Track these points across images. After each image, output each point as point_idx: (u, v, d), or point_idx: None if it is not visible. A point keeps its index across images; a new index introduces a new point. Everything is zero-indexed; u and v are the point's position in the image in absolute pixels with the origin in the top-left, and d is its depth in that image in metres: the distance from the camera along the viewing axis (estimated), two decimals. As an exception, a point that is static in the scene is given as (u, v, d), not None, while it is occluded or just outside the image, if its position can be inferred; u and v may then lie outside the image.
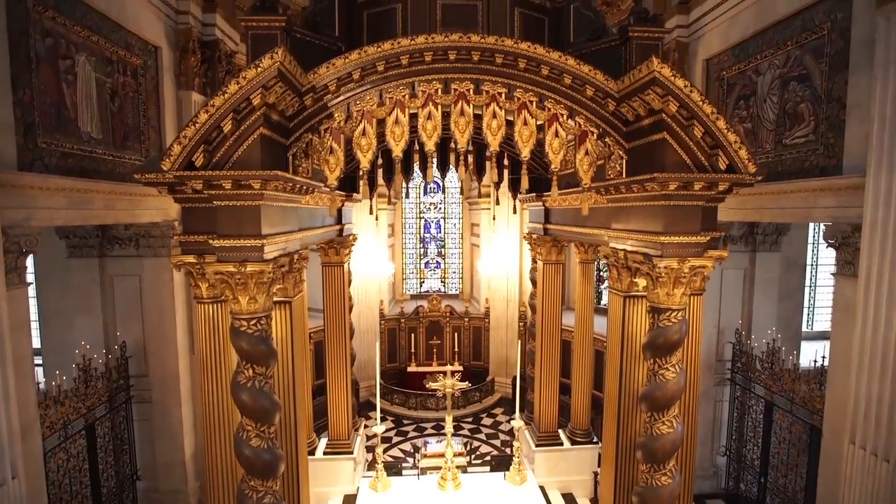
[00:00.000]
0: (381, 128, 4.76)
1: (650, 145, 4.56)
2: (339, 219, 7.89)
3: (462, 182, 15.98)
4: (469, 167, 7.23)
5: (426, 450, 8.98)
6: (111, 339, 7.60)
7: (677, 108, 4.17)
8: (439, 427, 12.02)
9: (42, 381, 6.01)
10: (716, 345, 8.58)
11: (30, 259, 5.16)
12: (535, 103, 4.72)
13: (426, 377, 12.98)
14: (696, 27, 8.08)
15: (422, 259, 17.22)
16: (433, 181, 14.62)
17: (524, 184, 5.20)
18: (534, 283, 9.04)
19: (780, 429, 7.52)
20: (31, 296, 6.86)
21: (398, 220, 16.68)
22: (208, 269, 4.24)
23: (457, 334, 14.54)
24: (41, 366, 7.72)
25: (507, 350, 14.49)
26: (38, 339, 8.17)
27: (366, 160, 4.61)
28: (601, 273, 12.83)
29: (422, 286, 17.17)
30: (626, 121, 4.81)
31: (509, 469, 7.65)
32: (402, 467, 9.13)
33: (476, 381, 13.89)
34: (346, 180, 7.04)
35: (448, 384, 7.37)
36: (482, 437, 12.12)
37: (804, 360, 7.58)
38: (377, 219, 11.07)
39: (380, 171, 7.60)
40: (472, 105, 4.67)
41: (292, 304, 5.18)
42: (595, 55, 5.30)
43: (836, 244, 5.68)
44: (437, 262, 17.26)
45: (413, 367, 14.33)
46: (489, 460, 9.73)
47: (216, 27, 7.95)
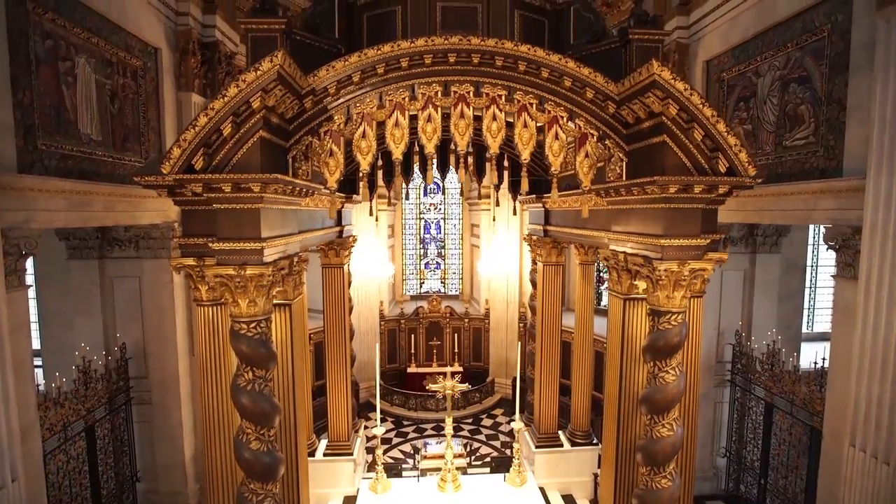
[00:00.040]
0: (380, 129, 4.76)
1: (650, 148, 4.56)
2: (338, 220, 7.89)
3: (462, 183, 15.98)
4: (469, 169, 7.24)
5: (426, 451, 8.98)
6: (111, 341, 7.60)
7: (677, 110, 4.17)
8: (439, 428, 12.02)
9: (42, 383, 6.02)
10: (716, 346, 8.58)
11: (29, 260, 5.16)
12: (535, 106, 4.72)
13: (426, 378, 13.04)
14: (697, 28, 8.08)
15: (422, 260, 17.22)
16: (433, 182, 14.61)
17: (524, 186, 5.21)
18: (534, 284, 9.04)
19: (780, 430, 7.52)
20: (31, 297, 6.86)
21: (398, 221, 16.67)
22: (208, 271, 4.24)
23: (457, 335, 14.54)
24: (41, 367, 7.72)
25: (506, 351, 14.48)
26: (37, 340, 8.18)
27: (365, 163, 4.61)
28: (601, 274, 12.83)
29: (422, 287, 17.16)
30: (626, 123, 4.81)
31: (509, 470, 7.65)
32: (402, 468, 9.14)
33: (476, 382, 13.88)
34: (345, 182, 7.03)
35: (448, 386, 7.37)
36: (482, 438, 12.11)
37: (804, 361, 7.58)
38: (377, 220, 11.06)
39: (380, 172, 7.59)
40: (471, 107, 4.67)
41: (292, 306, 5.18)
42: (595, 57, 5.30)
43: (837, 246, 5.67)
44: (437, 263, 17.25)
45: (413, 368, 14.33)
46: (489, 461, 9.74)
47: (216, 28, 7.95)
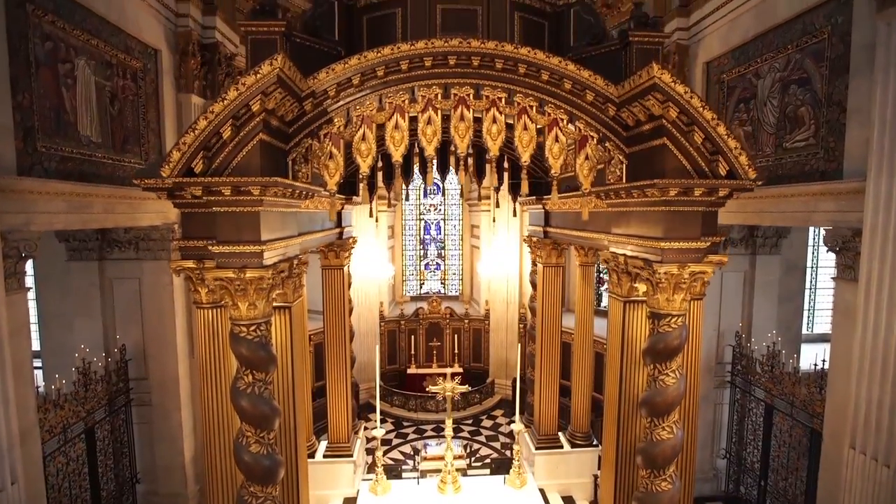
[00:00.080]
0: (380, 131, 4.75)
1: (650, 150, 4.55)
2: (338, 222, 7.88)
3: (462, 185, 15.97)
4: (469, 170, 7.23)
5: (426, 452, 8.98)
6: (111, 342, 7.60)
7: (677, 113, 4.17)
8: (439, 429, 12.02)
9: (42, 385, 6.02)
10: (716, 348, 8.57)
11: (29, 262, 5.16)
12: (535, 108, 4.71)
13: (426, 379, 13.08)
14: (697, 30, 8.07)
15: (422, 261, 17.22)
16: (433, 184, 14.61)
17: (524, 189, 5.20)
18: (534, 285, 9.03)
19: (780, 432, 7.51)
20: (31, 298, 6.86)
21: (398, 222, 16.67)
22: (207, 274, 4.24)
23: (457, 336, 14.54)
24: (40, 368, 7.73)
25: (506, 352, 14.48)
26: (37, 342, 8.18)
27: (365, 165, 4.60)
28: (601, 275, 12.82)
29: (422, 288, 17.16)
30: (627, 126, 4.80)
31: (509, 472, 7.65)
32: (402, 470, 9.14)
33: (476, 383, 13.88)
34: (345, 184, 7.02)
35: (448, 387, 7.37)
36: (482, 439, 12.11)
37: (804, 362, 7.57)
38: (377, 221, 11.06)
39: (380, 174, 7.59)
40: (471, 110, 4.66)
41: (292, 309, 5.17)
42: (595, 59, 5.29)
43: (837, 248, 5.67)
44: (437, 264, 17.25)
45: (413, 369, 14.33)
46: (489, 463, 9.75)
47: (216, 30, 7.95)
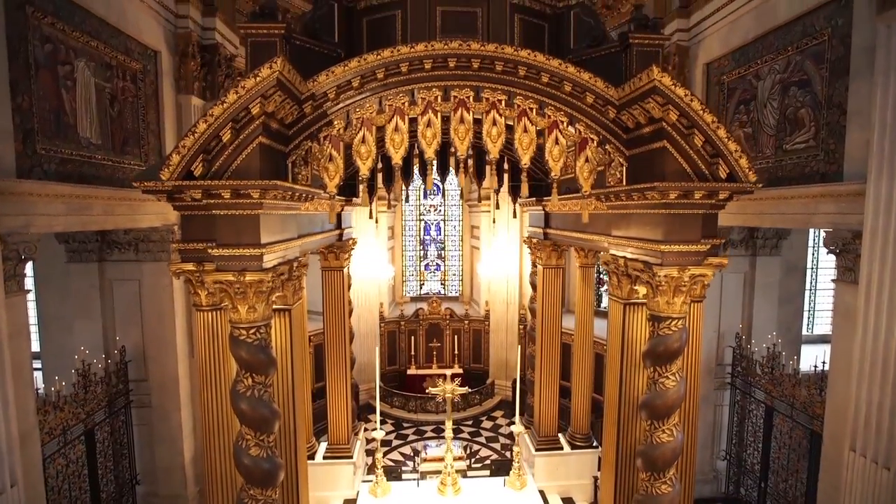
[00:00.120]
0: (380, 133, 4.74)
1: (651, 153, 4.55)
2: (338, 223, 7.88)
3: (462, 187, 15.98)
4: (469, 171, 7.22)
5: (426, 454, 8.99)
6: (111, 344, 7.59)
7: (678, 116, 4.16)
8: (439, 430, 12.01)
9: (41, 387, 6.02)
10: (716, 349, 8.57)
11: (29, 264, 5.15)
12: (535, 110, 4.70)
13: (426, 380, 13.07)
14: (697, 31, 8.07)
15: (422, 261, 17.21)
16: (433, 184, 14.61)
17: (524, 191, 5.20)
18: (534, 287, 9.03)
19: (780, 433, 7.51)
20: (31, 299, 6.86)
21: (398, 223, 16.67)
22: (207, 277, 4.23)
23: (457, 337, 14.54)
24: (40, 370, 7.72)
25: (506, 353, 14.47)
26: (37, 343, 8.18)
27: (365, 168, 4.59)
28: (601, 276, 12.82)
29: (422, 288, 17.16)
30: (627, 128, 4.80)
31: (509, 473, 7.65)
32: (402, 471, 9.14)
33: (476, 384, 13.88)
34: (345, 185, 7.02)
35: (448, 389, 7.36)
36: (482, 440, 12.10)
37: (804, 364, 7.57)
38: (377, 222, 11.04)
39: (379, 175, 7.58)
40: (471, 112, 4.65)
41: (292, 311, 5.17)
42: (595, 62, 5.29)
43: (837, 251, 5.67)
44: (437, 265, 17.25)
45: (413, 370, 14.33)
46: (489, 464, 9.75)
47: (216, 31, 7.94)
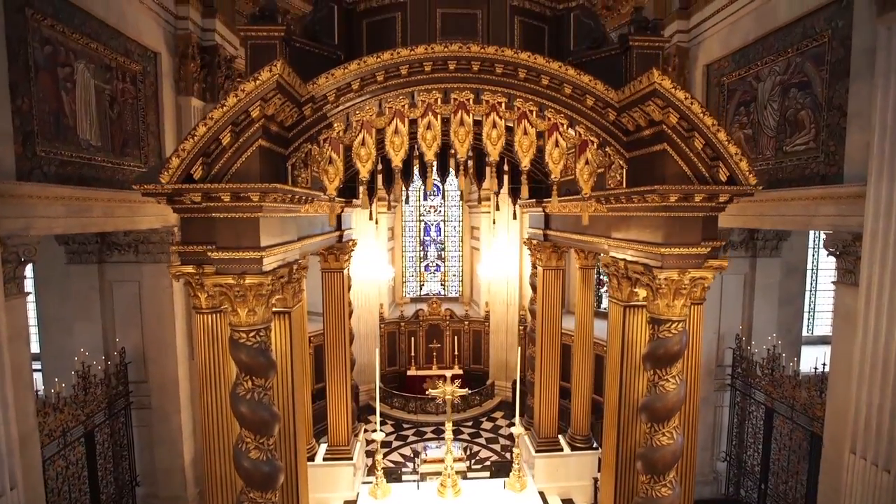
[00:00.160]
0: (380, 135, 4.74)
1: (651, 155, 4.54)
2: (338, 225, 7.88)
3: (462, 189, 15.95)
4: (469, 173, 7.22)
5: (426, 455, 8.99)
6: (110, 346, 7.60)
7: (678, 119, 4.16)
8: (439, 431, 12.01)
9: (41, 389, 6.01)
10: (716, 350, 8.57)
11: (29, 266, 5.15)
12: (535, 113, 4.69)
13: (426, 381, 13.01)
14: (697, 32, 8.07)
15: (422, 262, 17.21)
16: (433, 185, 14.59)
17: (524, 193, 5.19)
18: (534, 288, 9.02)
19: (780, 435, 7.51)
20: (31, 300, 6.85)
21: (398, 224, 16.67)
22: (207, 280, 4.23)
23: (457, 338, 14.54)
24: (40, 371, 7.72)
25: (506, 354, 14.47)
26: (37, 345, 8.18)
27: (365, 170, 4.59)
28: (601, 276, 12.82)
29: (422, 289, 17.16)
30: (627, 130, 4.79)
31: (509, 475, 7.65)
32: (402, 473, 9.14)
33: (476, 385, 13.89)
34: (345, 186, 7.01)
35: (448, 391, 7.36)
36: (482, 441, 12.10)
37: (805, 365, 7.58)
38: (377, 223, 11.06)
39: (379, 177, 7.58)
40: (471, 114, 4.65)
41: (291, 314, 5.16)
42: (595, 64, 5.28)
43: (837, 253, 5.67)
44: (437, 266, 17.24)
45: (413, 371, 14.33)
46: (489, 465, 9.75)
47: (216, 32, 7.94)
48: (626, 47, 4.99)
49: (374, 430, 7.51)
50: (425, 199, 16.92)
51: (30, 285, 7.36)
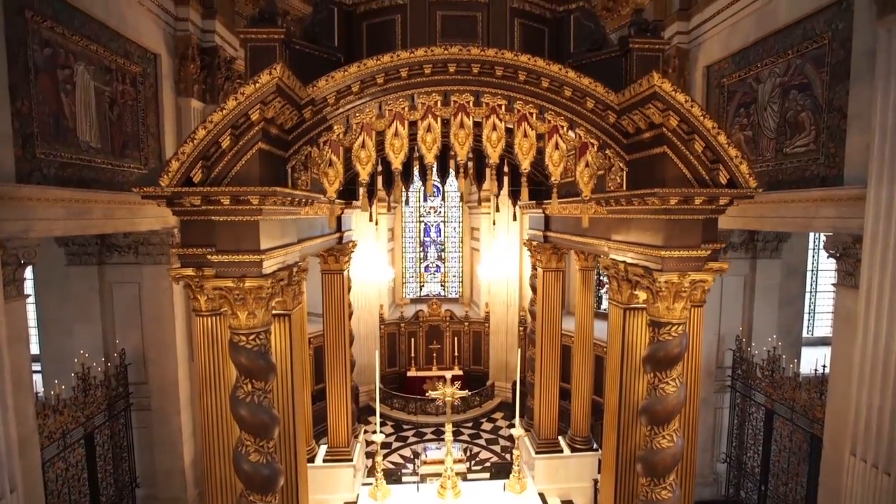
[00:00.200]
0: (380, 137, 4.74)
1: (651, 158, 4.54)
2: (338, 226, 7.87)
3: (462, 192, 15.93)
4: (469, 175, 7.22)
5: (426, 456, 8.99)
6: (110, 347, 7.59)
7: (678, 122, 4.15)
8: (439, 432, 12.00)
9: (41, 391, 6.01)
10: (716, 352, 8.57)
11: (28, 267, 5.14)
12: (535, 115, 4.69)
13: (426, 382, 13.05)
14: (697, 34, 8.06)
15: (421, 263, 17.20)
16: (433, 186, 14.58)
17: (524, 196, 5.19)
18: (534, 289, 9.02)
19: (780, 437, 7.51)
20: (30, 302, 6.85)
21: (398, 224, 16.65)
22: (207, 283, 4.23)
23: (457, 339, 14.53)
24: (39, 372, 7.71)
25: (506, 354, 14.46)
26: (36, 346, 8.17)
27: (365, 173, 4.59)
28: (601, 277, 12.81)
29: (421, 290, 17.14)
30: (627, 133, 4.79)
31: (509, 476, 7.64)
32: (402, 474, 9.12)
33: (476, 386, 13.89)
34: (345, 188, 7.01)
35: (448, 392, 7.36)
36: (482, 442, 12.10)
37: (805, 366, 7.57)
38: (377, 224, 11.05)
39: (379, 178, 7.58)
40: (471, 116, 4.65)
41: (291, 316, 5.16)
42: (595, 66, 5.28)
43: (837, 255, 5.66)
44: (437, 266, 17.23)
45: (413, 372, 14.32)
46: (489, 467, 9.74)
47: (215, 34, 7.94)
48: (626, 49, 4.99)
49: (375, 432, 7.50)
50: (425, 200, 16.90)
51: (30, 287, 7.36)
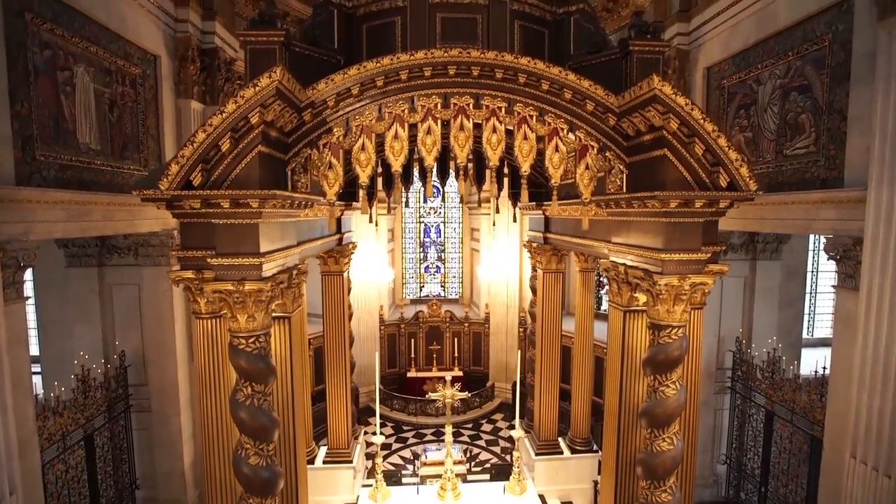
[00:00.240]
0: (380, 139, 4.73)
1: (651, 161, 4.53)
2: (338, 228, 7.86)
3: (462, 194, 15.93)
4: (469, 176, 7.21)
5: (426, 457, 8.97)
6: (110, 349, 7.59)
7: (678, 125, 4.14)
8: (439, 433, 12.00)
9: (41, 392, 6.01)
10: (716, 353, 8.57)
11: (28, 269, 5.14)
12: (535, 117, 4.69)
13: (426, 382, 13.05)
14: (697, 35, 8.06)
15: (421, 263, 17.19)
16: (433, 187, 14.58)
17: (524, 198, 5.18)
18: (534, 291, 9.01)
19: (780, 438, 7.50)
20: (30, 303, 6.84)
21: (398, 225, 16.65)
22: (206, 286, 4.22)
23: (457, 339, 14.53)
24: (39, 374, 7.71)
25: (506, 355, 14.46)
26: (36, 348, 8.17)
27: (365, 175, 4.59)
28: (601, 278, 12.80)
29: (421, 291, 17.14)
30: (627, 135, 4.78)
31: (509, 478, 7.63)
32: (402, 475, 9.11)
33: (476, 387, 13.89)
34: (345, 190, 7.00)
35: (448, 394, 7.35)
36: (482, 443, 12.09)
37: (805, 367, 7.57)
38: (377, 225, 11.06)
39: (379, 179, 7.57)
40: (471, 119, 4.64)
41: (291, 319, 5.16)
42: (595, 68, 5.28)
43: (838, 257, 5.66)
44: (437, 267, 17.23)
45: (413, 373, 14.31)
46: (489, 468, 9.72)
47: (215, 35, 7.94)
48: (626, 52, 4.98)
49: (375, 433, 7.49)
50: (425, 201, 16.90)
51: (29, 288, 7.38)
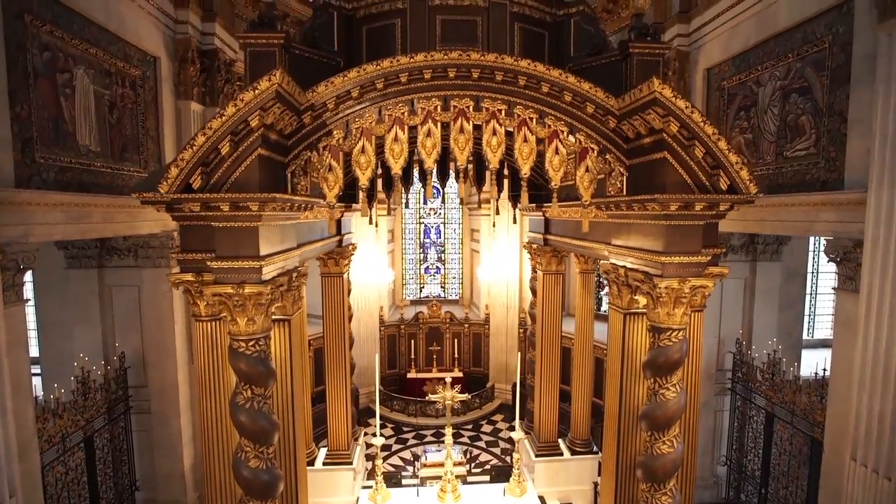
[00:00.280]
0: (380, 141, 4.73)
1: (651, 163, 4.53)
2: (338, 229, 7.86)
3: (461, 196, 15.93)
4: (469, 178, 7.21)
5: (426, 459, 8.97)
6: (110, 350, 7.59)
7: (678, 128, 4.14)
8: (439, 434, 11.99)
9: (41, 394, 6.01)
10: (716, 354, 8.56)
11: (28, 271, 5.14)
12: (535, 120, 4.68)
13: (426, 383, 13.05)
14: (697, 36, 8.06)
15: (422, 264, 17.19)
16: (433, 188, 14.58)
17: (524, 201, 5.18)
18: (534, 292, 9.01)
19: (780, 440, 7.50)
20: (30, 304, 6.83)
21: (398, 226, 16.65)
22: (206, 289, 4.22)
23: (457, 340, 14.52)
24: (39, 375, 7.70)
25: (506, 356, 14.46)
26: (36, 349, 8.16)
27: (365, 178, 4.58)
28: (601, 279, 12.80)
29: (421, 292, 17.14)
30: (627, 138, 4.78)
31: (509, 479, 7.63)
32: (402, 477, 9.12)
33: (476, 388, 13.88)
34: (345, 192, 7.00)
35: (448, 396, 7.35)
36: (482, 444, 12.09)
37: (805, 369, 7.57)
38: (376, 226, 11.04)
39: (379, 181, 7.56)
40: (471, 121, 4.64)
41: (291, 321, 5.16)
42: (595, 70, 5.27)
43: (838, 259, 5.66)
44: (437, 268, 17.23)
45: (413, 374, 14.30)
46: (489, 469, 9.73)
47: (215, 36, 7.94)
48: (626, 54, 4.98)
49: (375, 434, 7.49)
50: (425, 202, 16.90)
51: (29, 289, 7.37)
